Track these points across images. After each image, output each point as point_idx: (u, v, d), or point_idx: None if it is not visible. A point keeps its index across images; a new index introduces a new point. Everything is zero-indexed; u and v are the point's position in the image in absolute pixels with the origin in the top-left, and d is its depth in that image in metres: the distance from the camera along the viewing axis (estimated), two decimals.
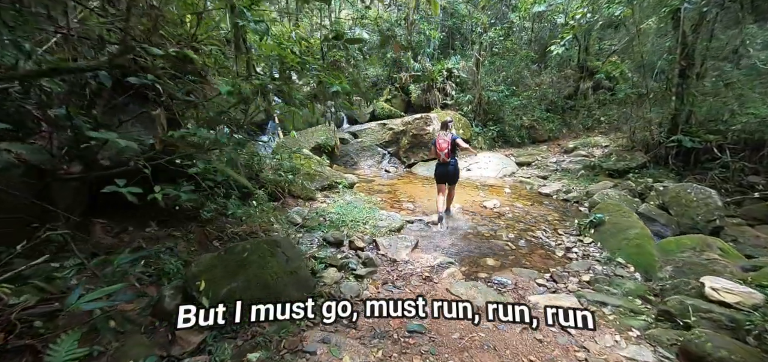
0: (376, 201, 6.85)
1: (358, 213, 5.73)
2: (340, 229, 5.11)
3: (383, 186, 8.62)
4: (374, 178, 9.61)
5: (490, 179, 9.92)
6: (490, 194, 8.23)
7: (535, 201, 7.91)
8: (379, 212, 6.01)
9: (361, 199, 6.67)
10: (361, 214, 5.67)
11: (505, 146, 13.12)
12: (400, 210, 6.57)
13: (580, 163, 10.37)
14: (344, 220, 5.38)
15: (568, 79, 15.65)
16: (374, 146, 11.01)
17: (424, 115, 11.02)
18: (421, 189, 8.48)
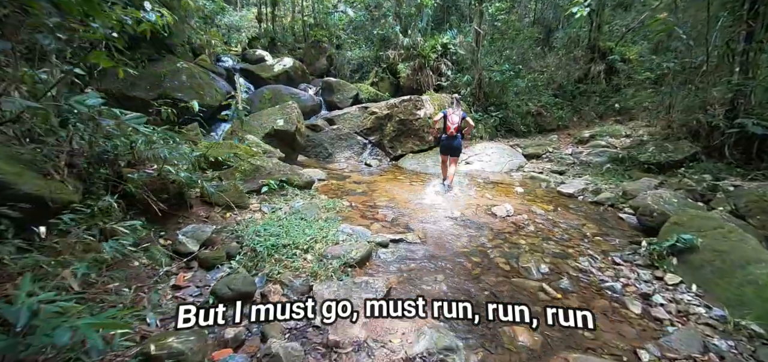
0: (340, 208, 4.66)
1: (303, 231, 3.53)
2: (260, 264, 2.91)
3: (359, 185, 6.42)
4: (350, 174, 7.40)
5: (495, 174, 7.76)
6: (498, 194, 6.07)
7: (558, 205, 5.77)
8: (339, 227, 3.83)
9: (318, 206, 4.46)
10: (306, 233, 3.48)
11: (508, 135, 10.95)
12: (374, 222, 4.38)
13: (604, 155, 8.24)
14: (275, 244, 3.18)
15: (578, 61, 13.46)
16: (353, 134, 8.79)
17: (413, 97, 8.80)
18: (408, 189, 6.29)
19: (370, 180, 6.91)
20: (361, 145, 8.73)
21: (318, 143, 8.76)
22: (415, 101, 8.68)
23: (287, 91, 10.50)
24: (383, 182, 6.75)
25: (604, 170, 7.58)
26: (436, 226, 4.32)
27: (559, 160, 8.65)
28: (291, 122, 6.68)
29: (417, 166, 8.14)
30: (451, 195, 5.95)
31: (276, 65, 11.71)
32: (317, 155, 8.76)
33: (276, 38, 16.56)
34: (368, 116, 8.64)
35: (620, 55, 13.03)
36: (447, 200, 5.60)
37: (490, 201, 5.58)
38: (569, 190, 6.45)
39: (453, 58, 10.97)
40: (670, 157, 6.72)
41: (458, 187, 6.51)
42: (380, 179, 7.02)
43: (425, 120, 8.72)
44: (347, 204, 4.98)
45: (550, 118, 11.64)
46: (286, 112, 6.82)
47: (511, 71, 10.62)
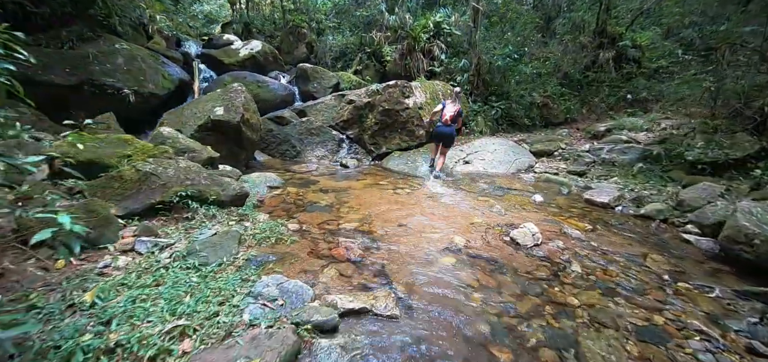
0: (280, 239, 2.92)
1: (172, 305, 1.78)
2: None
3: (325, 195, 4.68)
4: (319, 178, 5.65)
5: (502, 177, 6.09)
6: (512, 206, 4.38)
7: (593, 220, 4.12)
8: (255, 286, 2.10)
9: (238, 239, 2.71)
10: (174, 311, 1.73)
11: (511, 129, 9.30)
12: (329, 263, 2.63)
13: (630, 152, 6.62)
14: (90, 347, 1.43)
15: (585, 47, 11.85)
16: (327, 128, 7.02)
17: (400, 83, 7.06)
18: (391, 201, 4.55)
19: (342, 186, 5.17)
20: (336, 141, 6.98)
21: (283, 139, 6.98)
22: (403, 87, 6.95)
23: (253, 78, 8.69)
24: (359, 189, 5.01)
25: (635, 171, 5.96)
26: (429, 271, 2.61)
27: (576, 158, 7.01)
28: (234, 110, 4.89)
29: (404, 166, 6.42)
30: (449, 202, 4.26)
31: (242, 49, 9.86)
32: (283, 154, 7.00)
33: (251, 24, 14.70)
34: (345, 106, 6.88)
35: (631, 41, 11.48)
36: (444, 215, 3.90)
37: (503, 219, 3.89)
38: (601, 198, 4.79)
39: (447, 40, 9.24)
40: (727, 154, 5.10)
41: (458, 195, 4.82)
42: (356, 185, 5.29)
43: (415, 110, 7.00)
44: (295, 229, 3.23)
45: (557, 109, 10.02)
46: (228, 98, 5.03)
47: (514, 55, 8.93)
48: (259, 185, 4.52)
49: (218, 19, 17.76)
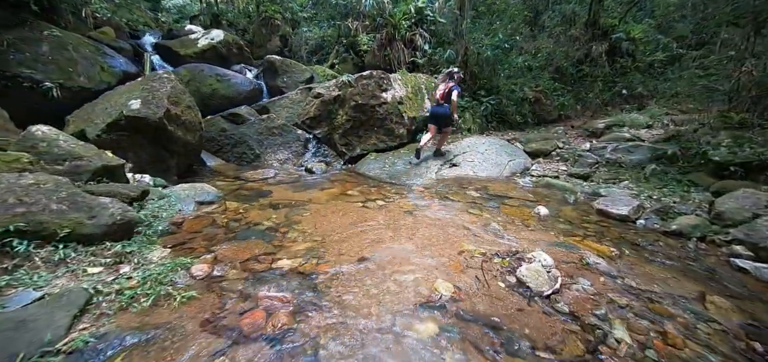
0: (157, 299, 1.83)
1: None
2: None
3: (274, 212, 3.60)
4: (275, 188, 4.55)
5: (495, 182, 5.09)
6: (510, 221, 3.37)
7: (615, 240, 3.16)
8: None
9: (78, 300, 1.61)
10: None
11: (501, 127, 8.36)
12: (224, 355, 1.55)
13: (638, 152, 5.74)
14: None
15: (576, 40, 11.03)
16: (291, 127, 5.92)
17: (375, 73, 5.99)
18: (357, 219, 3.49)
19: (300, 199, 4.08)
20: (302, 141, 5.88)
21: (239, 140, 5.84)
22: (379, 79, 5.89)
23: (212, 71, 7.50)
24: (321, 203, 3.93)
25: (647, 173, 5.05)
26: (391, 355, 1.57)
27: (577, 159, 6.08)
28: (155, 104, 3.73)
29: (381, 171, 5.37)
30: (432, 218, 3.23)
31: (201, 39, 8.64)
32: (239, 157, 5.86)
33: (221, 15, 13.43)
34: (312, 101, 5.79)
35: (625, 33, 10.73)
36: (425, 240, 2.86)
37: (503, 243, 2.88)
38: (618, 209, 3.84)
39: (431, 29, 8.23)
40: (761, 154, 4.22)
41: (444, 208, 3.80)
42: (319, 197, 4.20)
43: (393, 105, 5.96)
44: (203, 274, 2.14)
45: (550, 105, 9.14)
46: (150, 88, 3.87)
47: (505, 44, 7.98)
48: (182, 201, 3.39)
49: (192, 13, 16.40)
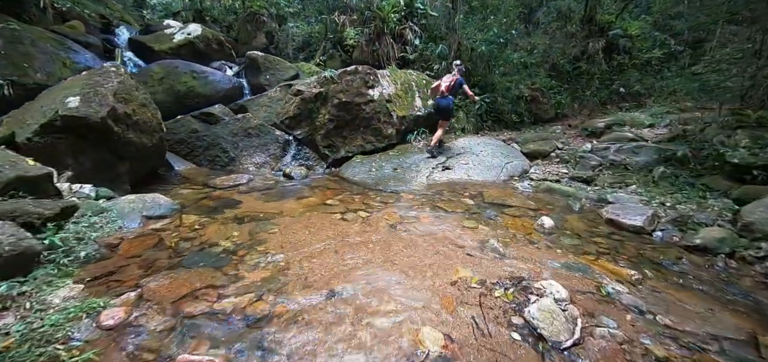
0: None
1: None
2: None
3: (240, 227, 3.07)
4: (246, 195, 4.00)
5: (491, 186, 4.60)
6: (510, 235, 2.89)
7: (633, 258, 2.69)
8: None
9: None
10: None
11: (496, 127, 7.90)
12: None
13: (643, 153, 5.31)
14: None
15: (572, 37, 10.62)
16: (269, 128, 5.37)
17: (361, 69, 5.45)
18: (334, 235, 2.97)
19: (271, 210, 3.55)
20: (281, 143, 5.33)
21: (212, 143, 5.28)
22: (365, 75, 5.37)
23: (188, 68, 6.91)
24: (294, 215, 3.41)
25: (656, 177, 4.61)
26: None
27: (578, 160, 5.63)
28: (98, 101, 3.16)
29: (367, 175, 4.85)
30: (421, 233, 2.72)
31: (177, 34, 8.03)
32: (212, 161, 5.30)
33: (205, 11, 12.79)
34: (291, 99, 5.25)
35: (622, 29, 10.35)
36: (410, 263, 2.36)
37: (504, 265, 2.38)
38: (630, 219, 3.37)
39: (422, 23, 7.72)
40: None
41: (436, 220, 3.30)
42: (293, 207, 3.67)
43: (381, 103, 5.44)
44: (109, 324, 1.61)
45: (547, 104, 8.70)
46: (93, 84, 3.30)
47: (500, 39, 7.52)
48: (125, 217, 2.84)
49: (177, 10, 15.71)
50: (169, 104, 6.51)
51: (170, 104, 6.53)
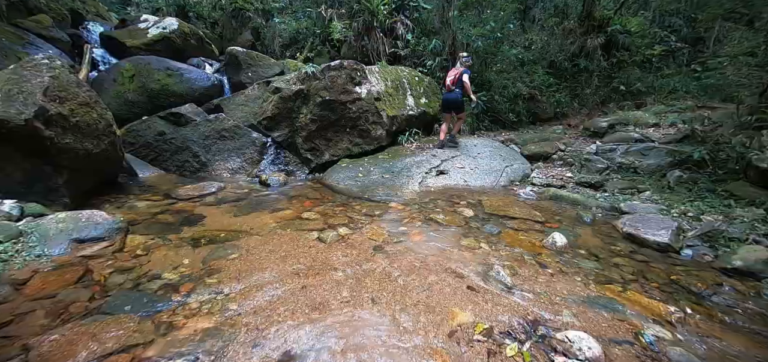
0: None
1: None
2: None
3: (191, 252, 2.54)
4: (209, 210, 3.47)
5: (489, 192, 4.11)
6: (522, 261, 2.41)
7: (667, 288, 2.21)
8: None
9: None
10: None
11: (494, 127, 7.44)
12: None
13: (653, 154, 4.89)
14: None
15: (571, 32, 10.19)
16: (245, 129, 4.83)
17: (347, 64, 4.92)
18: (305, 260, 2.45)
19: (238, 227, 3.02)
20: (258, 146, 4.79)
21: (181, 146, 4.72)
22: (351, 70, 4.84)
23: (161, 65, 6.37)
24: (263, 233, 2.88)
25: (671, 182, 4.17)
26: None
27: (583, 163, 5.18)
28: (22, 101, 2.58)
29: (354, 181, 4.33)
30: (411, 257, 2.22)
31: (152, 29, 7.43)
32: (181, 167, 4.74)
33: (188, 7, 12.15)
34: (269, 97, 4.70)
35: (622, 25, 9.94)
36: (396, 299, 1.86)
37: (513, 302, 1.89)
38: (653, 235, 2.90)
39: (414, 16, 7.21)
40: None
41: (429, 239, 2.79)
42: (264, 223, 3.14)
43: (370, 102, 4.92)
44: None
45: (545, 103, 8.27)
46: (18, 79, 2.72)
47: (497, 34, 7.04)
48: (49, 241, 2.29)
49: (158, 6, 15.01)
50: (141, 104, 5.95)
51: (143, 104, 5.97)
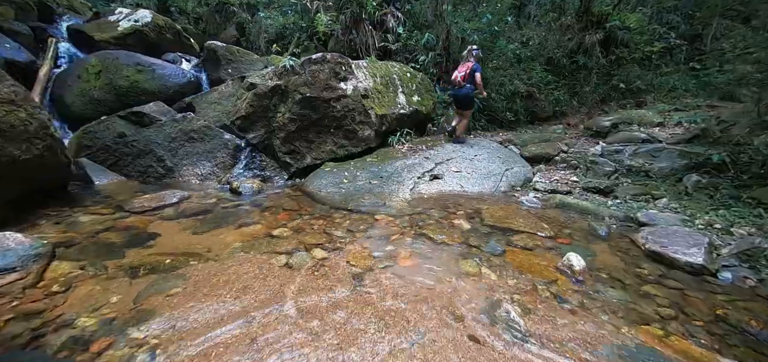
0: None
1: None
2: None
3: (123, 285, 2.03)
4: (166, 224, 2.94)
5: (488, 200, 3.64)
6: (535, 294, 1.94)
7: (704, 320, 1.75)
8: None
9: None
10: None
11: (490, 126, 6.99)
12: None
13: (664, 156, 4.48)
14: None
15: (567, 30, 9.79)
16: (216, 130, 4.29)
17: (331, 57, 4.39)
18: (263, 298, 1.94)
19: (193, 248, 2.51)
20: (231, 149, 4.26)
21: (143, 150, 4.17)
22: (335, 64, 4.33)
23: (131, 60, 5.82)
24: (221, 257, 2.37)
25: (690, 187, 3.74)
26: None
27: (589, 166, 4.74)
28: None
29: (337, 189, 3.83)
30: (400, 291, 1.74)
31: (123, 21, 6.84)
32: (144, 172, 4.19)
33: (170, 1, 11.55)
34: (244, 94, 4.18)
35: (620, 21, 9.58)
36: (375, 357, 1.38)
37: (524, 357, 1.42)
38: (685, 254, 2.45)
39: (406, 9, 6.72)
40: None
41: (421, 262, 2.31)
42: (226, 242, 2.63)
43: (356, 99, 4.42)
44: None
45: (544, 101, 7.85)
46: None
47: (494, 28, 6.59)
48: None
49: None
50: (108, 103, 5.38)
51: (110, 103, 5.40)
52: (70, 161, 3.47)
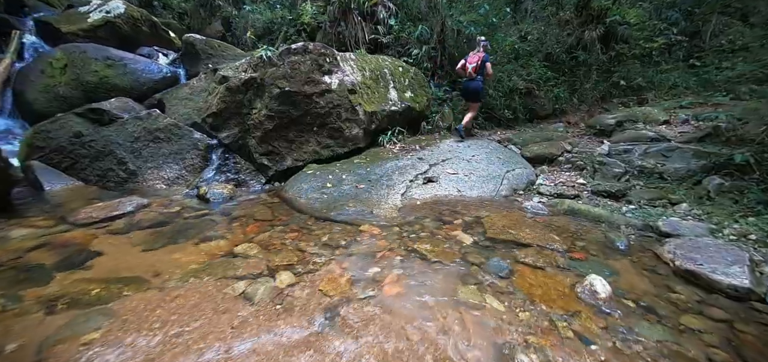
0: None
1: None
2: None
3: (43, 321, 1.57)
4: (108, 245, 2.49)
5: (488, 205, 3.22)
6: (554, 336, 1.52)
7: None
8: None
9: None
10: None
11: (488, 125, 6.58)
12: None
13: (677, 156, 4.09)
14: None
15: (565, 25, 9.42)
16: (186, 129, 3.82)
17: (313, 48, 3.94)
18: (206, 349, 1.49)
19: (135, 271, 2.06)
20: (201, 150, 3.79)
21: (102, 151, 3.69)
22: (318, 55, 3.87)
23: (100, 54, 5.35)
24: (167, 286, 1.93)
25: (712, 191, 3.36)
26: None
27: (596, 167, 4.34)
28: None
29: (319, 195, 3.38)
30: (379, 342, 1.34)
31: (93, 13, 6.32)
32: (103, 177, 3.71)
33: None
34: (215, 88, 3.71)
35: (620, 16, 9.25)
36: None
37: None
38: (725, 276, 2.05)
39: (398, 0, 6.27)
40: None
41: (408, 286, 1.87)
42: (178, 262, 2.19)
43: (342, 94, 3.97)
44: None
45: (544, 98, 7.45)
46: None
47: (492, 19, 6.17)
48: None
49: None
50: (75, 100, 4.88)
51: (77, 100, 4.89)
52: (7, 166, 2.98)
